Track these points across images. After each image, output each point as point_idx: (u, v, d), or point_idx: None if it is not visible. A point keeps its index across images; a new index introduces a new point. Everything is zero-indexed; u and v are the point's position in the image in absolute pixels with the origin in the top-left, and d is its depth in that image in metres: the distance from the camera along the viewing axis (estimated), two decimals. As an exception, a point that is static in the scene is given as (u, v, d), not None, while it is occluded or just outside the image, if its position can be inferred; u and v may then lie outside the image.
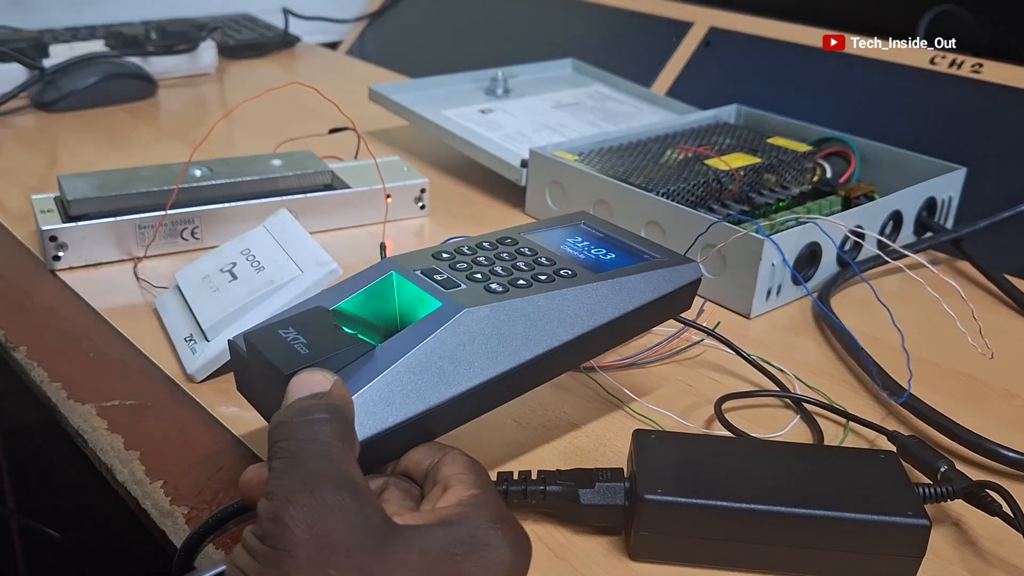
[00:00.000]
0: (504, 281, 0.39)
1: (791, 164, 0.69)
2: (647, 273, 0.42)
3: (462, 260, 0.41)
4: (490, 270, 0.40)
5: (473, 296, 0.37)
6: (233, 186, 0.63)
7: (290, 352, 0.35)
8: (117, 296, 0.57)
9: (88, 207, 0.58)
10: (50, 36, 1.05)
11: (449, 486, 0.32)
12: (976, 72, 0.78)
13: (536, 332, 0.38)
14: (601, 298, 0.40)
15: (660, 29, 1.01)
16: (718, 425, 0.45)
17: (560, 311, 0.39)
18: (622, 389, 0.48)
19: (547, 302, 0.38)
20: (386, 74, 1.12)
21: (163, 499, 0.40)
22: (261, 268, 0.50)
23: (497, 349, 0.37)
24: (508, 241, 0.44)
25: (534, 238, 0.45)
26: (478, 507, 0.31)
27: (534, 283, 0.39)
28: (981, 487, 0.38)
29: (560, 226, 0.47)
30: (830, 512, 0.36)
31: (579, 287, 0.40)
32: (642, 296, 0.42)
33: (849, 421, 0.46)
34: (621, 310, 0.41)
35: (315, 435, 0.30)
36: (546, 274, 0.40)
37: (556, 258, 0.42)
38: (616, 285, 0.41)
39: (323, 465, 0.29)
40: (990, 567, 0.38)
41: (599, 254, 0.44)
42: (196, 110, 0.97)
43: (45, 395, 0.48)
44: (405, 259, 0.41)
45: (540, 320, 0.38)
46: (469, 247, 0.43)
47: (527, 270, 0.41)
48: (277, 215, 0.54)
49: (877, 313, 0.52)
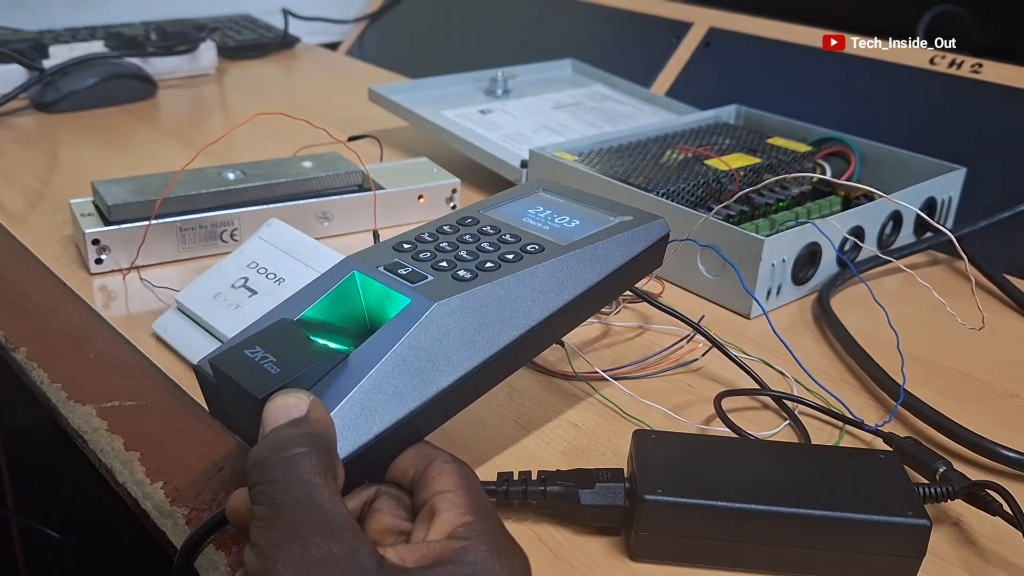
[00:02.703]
0: (471, 266, 0.38)
1: (791, 164, 0.69)
2: (615, 237, 0.41)
3: (424, 248, 0.40)
4: (455, 256, 0.39)
5: (442, 287, 0.36)
6: (268, 188, 0.63)
7: (260, 374, 0.33)
8: (117, 296, 0.57)
9: (128, 212, 0.59)
10: (50, 37, 1.05)
11: (438, 510, 0.31)
12: (976, 72, 0.78)
13: (512, 314, 0.37)
14: (572, 270, 0.39)
15: (660, 29, 1.01)
16: (716, 424, 0.45)
17: (533, 289, 0.38)
18: (621, 389, 0.48)
19: (518, 282, 0.37)
20: (386, 74, 1.12)
21: (163, 500, 0.40)
22: (280, 280, 0.51)
23: (474, 338, 0.36)
24: (469, 221, 0.42)
25: (495, 214, 0.43)
26: (474, 538, 0.30)
27: (502, 264, 0.38)
28: (981, 487, 0.38)
29: (519, 197, 0.45)
30: (830, 512, 0.36)
31: (549, 262, 0.38)
32: (613, 260, 0.41)
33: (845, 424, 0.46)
34: (594, 278, 0.40)
35: (296, 474, 0.28)
36: (513, 252, 0.39)
37: (520, 233, 0.41)
38: (586, 254, 0.40)
39: (307, 512, 0.28)
40: (990, 567, 0.38)
41: (563, 223, 0.42)
42: (196, 111, 0.97)
43: (45, 396, 0.48)
44: (366, 256, 0.39)
45: (514, 302, 0.37)
46: (430, 233, 0.41)
47: (493, 251, 0.39)
48: (269, 225, 0.55)
49: (877, 313, 0.52)
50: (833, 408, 0.46)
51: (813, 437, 0.45)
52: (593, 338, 0.54)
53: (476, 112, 0.84)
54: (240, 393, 0.33)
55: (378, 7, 1.30)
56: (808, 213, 0.64)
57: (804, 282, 0.59)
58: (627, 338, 0.54)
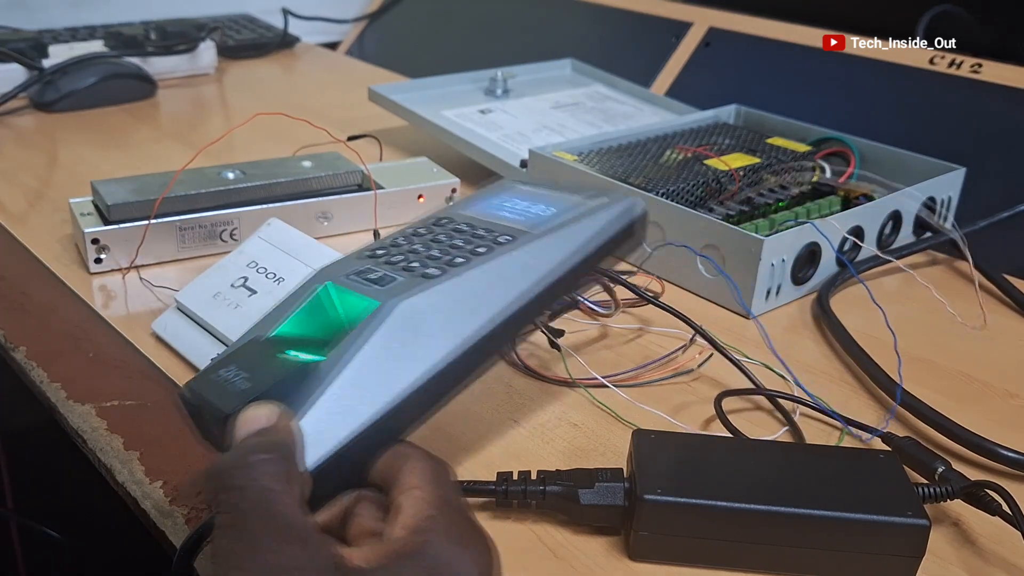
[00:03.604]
0: (441, 263, 0.37)
1: (790, 164, 0.69)
2: (589, 218, 0.40)
3: (397, 252, 0.39)
4: (427, 256, 0.38)
5: (410, 286, 0.36)
6: (268, 187, 0.63)
7: (230, 390, 0.33)
8: (116, 296, 0.57)
9: (128, 211, 0.59)
10: (49, 36, 1.05)
11: (403, 506, 0.31)
12: (975, 72, 0.78)
13: (483, 305, 0.36)
14: (546, 254, 0.38)
15: (659, 29, 1.01)
16: (715, 426, 0.45)
17: (503, 279, 0.37)
18: (619, 393, 0.48)
19: (488, 273, 0.37)
20: (385, 74, 1.12)
21: (163, 499, 0.40)
22: (280, 279, 0.51)
23: (444, 333, 0.35)
24: (444, 221, 0.41)
25: (469, 212, 0.42)
26: (435, 530, 0.29)
27: (472, 257, 0.37)
28: (980, 487, 0.38)
29: (496, 193, 0.45)
30: (830, 512, 0.36)
31: (519, 250, 0.38)
32: (588, 243, 0.40)
33: (846, 426, 0.46)
34: (570, 261, 0.39)
35: (255, 481, 0.28)
36: (485, 245, 0.38)
37: (494, 227, 0.40)
38: (558, 238, 0.39)
39: (265, 517, 0.27)
40: (989, 567, 0.38)
41: (538, 211, 0.41)
42: (196, 111, 0.97)
43: (45, 395, 0.48)
44: (337, 266, 0.39)
45: (485, 292, 0.37)
46: (404, 236, 0.41)
47: (464, 246, 0.38)
48: (269, 224, 0.55)
49: (877, 313, 0.53)
50: (833, 409, 0.46)
51: (813, 438, 0.45)
52: (591, 340, 0.54)
53: (476, 112, 0.84)
54: (215, 412, 0.33)
55: (378, 7, 1.30)
56: (808, 213, 0.64)
57: (804, 282, 0.59)
58: (626, 340, 0.54)
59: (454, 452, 0.43)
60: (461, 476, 0.41)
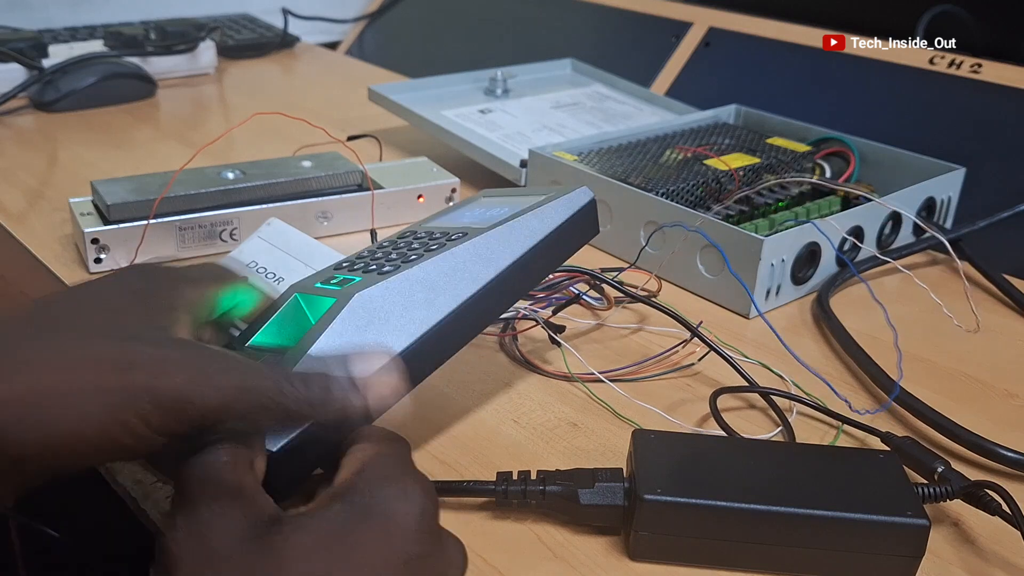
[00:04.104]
0: (397, 263, 0.40)
1: (790, 164, 0.69)
2: (537, 210, 0.42)
3: (360, 262, 0.42)
4: (385, 259, 0.41)
5: (364, 284, 0.38)
6: (268, 187, 0.63)
7: None
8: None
9: (127, 211, 0.59)
10: (49, 36, 1.05)
11: (344, 462, 0.31)
12: (975, 72, 0.78)
13: (436, 294, 0.38)
14: (496, 244, 0.40)
15: (659, 29, 1.01)
16: (712, 424, 0.45)
17: (455, 268, 0.39)
18: (618, 391, 0.48)
19: (439, 264, 0.39)
20: (385, 74, 1.12)
21: (163, 499, 0.40)
22: (280, 279, 0.51)
23: (400, 322, 0.37)
24: (407, 234, 0.44)
25: (434, 223, 0.45)
26: (368, 471, 0.30)
27: (426, 254, 0.40)
28: (980, 487, 0.39)
29: (463, 204, 0.48)
30: (829, 512, 0.36)
31: (470, 241, 0.40)
32: (538, 231, 0.42)
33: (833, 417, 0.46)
34: (520, 250, 0.41)
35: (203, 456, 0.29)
36: (438, 243, 0.41)
37: (451, 230, 0.42)
38: (507, 229, 0.41)
39: (203, 481, 0.28)
40: (989, 567, 0.38)
41: (494, 212, 0.44)
42: (196, 110, 0.97)
43: (45, 395, 0.48)
44: (308, 279, 0.41)
45: (437, 282, 0.38)
46: (369, 250, 0.43)
47: (420, 247, 0.41)
48: (269, 224, 0.55)
49: (876, 313, 0.53)
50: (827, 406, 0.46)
51: (810, 436, 0.45)
52: (590, 337, 0.54)
53: (476, 112, 0.84)
54: None
55: (378, 7, 1.30)
56: (807, 213, 0.64)
57: (803, 282, 0.59)
58: (623, 336, 0.54)
59: (454, 452, 0.43)
60: (461, 476, 0.42)
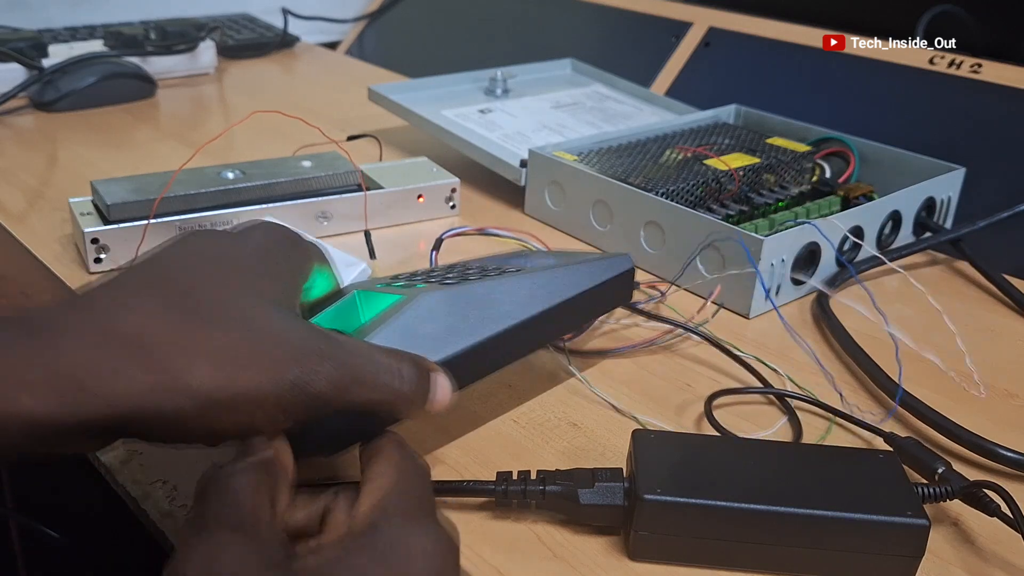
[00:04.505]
0: (457, 278, 0.43)
1: (790, 164, 0.69)
2: (584, 264, 0.47)
3: (420, 274, 0.46)
4: (444, 276, 0.45)
5: (429, 288, 0.41)
6: (267, 188, 0.63)
7: None
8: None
9: (127, 211, 0.59)
10: (49, 36, 1.05)
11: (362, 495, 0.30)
12: (975, 72, 0.78)
13: (489, 313, 0.41)
14: (544, 284, 0.44)
15: (659, 29, 1.01)
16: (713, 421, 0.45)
17: (509, 292, 0.42)
18: (615, 386, 0.48)
19: (496, 287, 0.42)
20: (385, 74, 1.12)
21: (163, 500, 0.40)
22: None
23: (454, 329, 0.40)
24: (460, 264, 0.49)
25: (486, 260, 0.50)
26: (389, 512, 0.29)
27: (484, 277, 0.43)
28: (980, 487, 0.39)
29: (508, 255, 0.52)
30: (829, 512, 0.36)
31: (525, 274, 0.44)
32: (582, 282, 0.46)
33: (835, 416, 0.46)
34: (565, 294, 0.44)
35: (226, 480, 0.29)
36: (495, 271, 0.45)
37: (503, 265, 0.47)
38: (556, 274, 0.45)
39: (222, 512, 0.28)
40: (989, 567, 0.38)
41: (546, 261, 0.48)
42: (196, 110, 0.97)
43: (44, 395, 0.48)
44: (366, 282, 0.45)
45: (491, 303, 0.41)
46: (425, 270, 0.48)
47: (476, 272, 0.45)
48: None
49: (876, 313, 0.53)
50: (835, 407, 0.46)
51: (811, 436, 0.45)
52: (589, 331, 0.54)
53: (476, 112, 0.84)
54: None
55: (378, 7, 1.30)
56: (808, 213, 0.64)
57: (803, 282, 0.59)
58: (623, 325, 0.54)
59: (454, 452, 0.43)
60: (461, 476, 0.42)
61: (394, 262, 0.62)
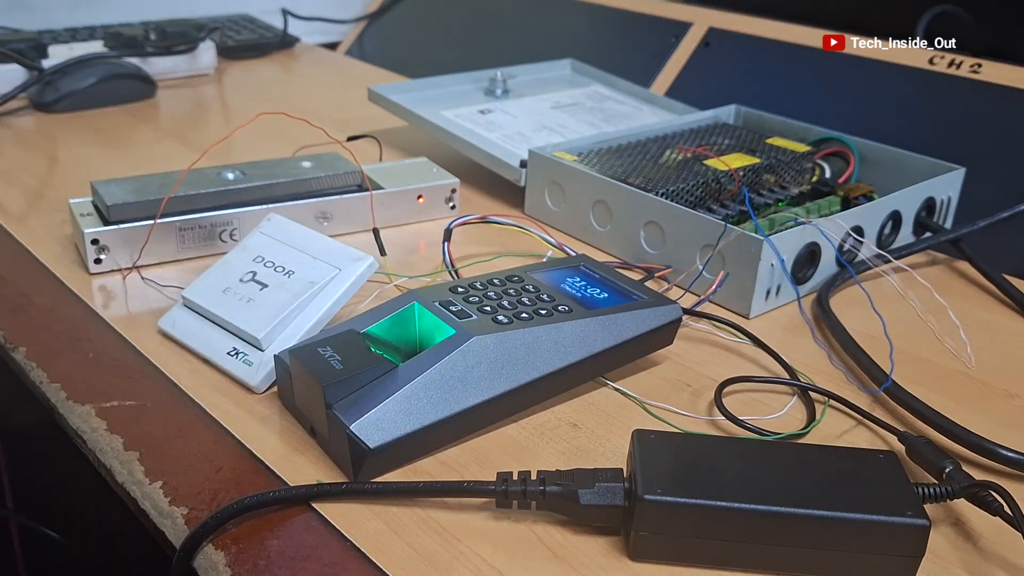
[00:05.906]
0: (509, 314, 0.45)
1: (790, 164, 0.69)
2: (633, 312, 0.48)
3: (474, 294, 0.47)
4: (498, 304, 0.46)
5: (482, 325, 0.43)
6: (267, 188, 0.63)
7: (326, 367, 0.41)
8: (116, 296, 0.57)
9: (127, 212, 0.59)
10: (49, 37, 1.05)
11: None
12: (975, 72, 0.78)
13: (534, 359, 0.44)
14: (591, 332, 0.46)
15: (659, 29, 1.01)
16: (711, 424, 0.45)
17: (555, 341, 0.44)
18: (618, 388, 0.48)
19: (544, 334, 0.44)
20: (385, 74, 1.12)
21: (162, 499, 0.40)
22: (290, 272, 0.51)
23: (500, 372, 0.43)
24: (515, 279, 0.50)
25: (538, 276, 0.50)
26: None
27: (535, 316, 0.45)
28: (980, 487, 0.39)
29: (563, 267, 0.53)
30: (829, 512, 0.36)
31: (573, 321, 0.45)
32: (627, 331, 0.47)
33: (830, 400, 0.46)
34: (608, 343, 0.46)
35: None
36: (546, 309, 0.46)
37: (556, 295, 0.48)
38: (605, 321, 0.46)
39: None
40: (990, 567, 0.38)
41: (594, 293, 0.50)
42: (195, 111, 0.97)
43: (44, 395, 0.48)
44: (425, 292, 0.47)
45: (538, 349, 0.44)
46: (481, 283, 0.49)
47: (529, 305, 0.47)
48: (270, 220, 0.55)
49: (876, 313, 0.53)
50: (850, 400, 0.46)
51: (823, 429, 0.45)
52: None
53: (475, 112, 0.84)
54: (308, 380, 0.41)
55: (378, 7, 1.30)
56: (807, 213, 0.64)
57: (803, 282, 0.59)
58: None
59: (454, 452, 0.43)
60: (461, 476, 0.42)
61: (395, 263, 0.62)
